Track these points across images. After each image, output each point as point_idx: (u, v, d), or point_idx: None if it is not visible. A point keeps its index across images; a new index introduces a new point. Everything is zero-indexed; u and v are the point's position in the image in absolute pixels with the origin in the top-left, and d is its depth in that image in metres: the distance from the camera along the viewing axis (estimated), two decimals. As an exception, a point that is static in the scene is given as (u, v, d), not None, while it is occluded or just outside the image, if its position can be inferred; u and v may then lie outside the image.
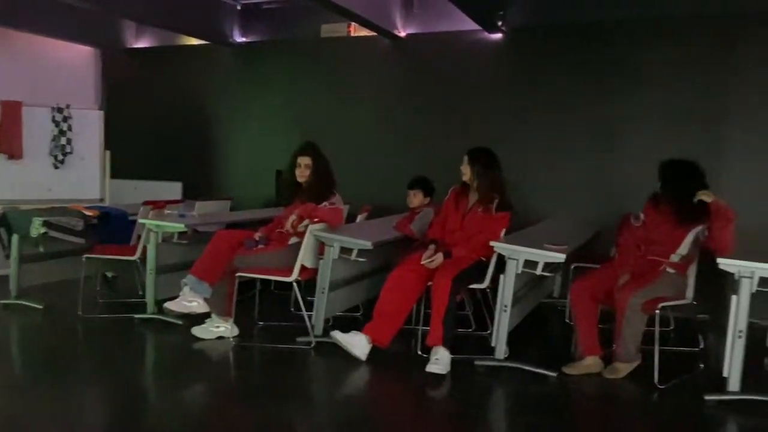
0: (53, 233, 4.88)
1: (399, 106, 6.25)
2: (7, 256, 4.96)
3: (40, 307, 4.85)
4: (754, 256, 3.35)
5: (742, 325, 3.30)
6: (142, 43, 7.33)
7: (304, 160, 4.42)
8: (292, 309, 4.88)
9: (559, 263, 3.81)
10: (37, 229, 4.78)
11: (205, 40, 6.80)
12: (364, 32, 6.26)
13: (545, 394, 3.58)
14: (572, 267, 4.74)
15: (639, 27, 5.45)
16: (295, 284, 4.24)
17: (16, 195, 5.75)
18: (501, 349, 3.79)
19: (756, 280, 3.27)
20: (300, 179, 4.44)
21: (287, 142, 6.46)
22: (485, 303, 4.56)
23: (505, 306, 3.76)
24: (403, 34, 6.19)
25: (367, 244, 4.03)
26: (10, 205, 5.28)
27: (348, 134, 6.33)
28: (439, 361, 3.67)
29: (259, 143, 6.83)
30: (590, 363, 3.79)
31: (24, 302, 4.90)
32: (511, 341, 3.82)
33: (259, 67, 6.83)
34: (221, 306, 4.24)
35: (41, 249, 4.88)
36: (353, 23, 6.23)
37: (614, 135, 5.55)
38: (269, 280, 4.75)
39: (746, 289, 3.28)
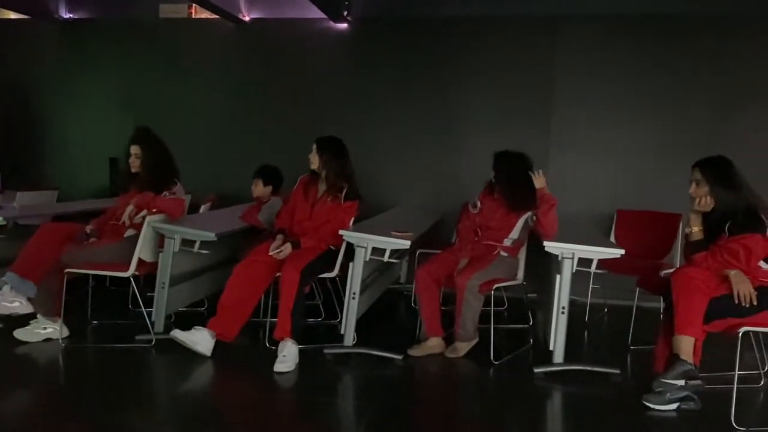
0: None
1: (245, 92, 6.09)
2: None
3: None
4: (575, 239, 3.69)
5: (565, 302, 3.62)
6: (-54, 13, 6.47)
7: (134, 149, 4.16)
8: (131, 306, 4.59)
9: (405, 250, 3.93)
10: None
11: (26, 14, 6.14)
12: (207, 14, 6.00)
13: (392, 376, 3.69)
14: (417, 253, 4.92)
15: (469, 24, 5.74)
16: (132, 279, 3.99)
17: None
18: (350, 336, 3.84)
19: (576, 261, 3.60)
20: (132, 169, 4.17)
21: (122, 128, 6.03)
22: (335, 292, 4.60)
23: (354, 293, 3.82)
24: (247, 18, 6.02)
25: (211, 235, 3.89)
26: None
27: (190, 120, 6.06)
28: (286, 358, 3.64)
29: (90, 129, 6.32)
30: (433, 344, 3.96)
31: None
32: (359, 328, 3.89)
33: (90, 47, 6.31)
34: (48, 305, 3.88)
35: None
36: (194, 5, 5.95)
37: (452, 127, 5.82)
38: (104, 276, 4.44)
39: (568, 269, 3.61)
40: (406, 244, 3.79)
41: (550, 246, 3.62)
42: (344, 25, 5.92)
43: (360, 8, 5.86)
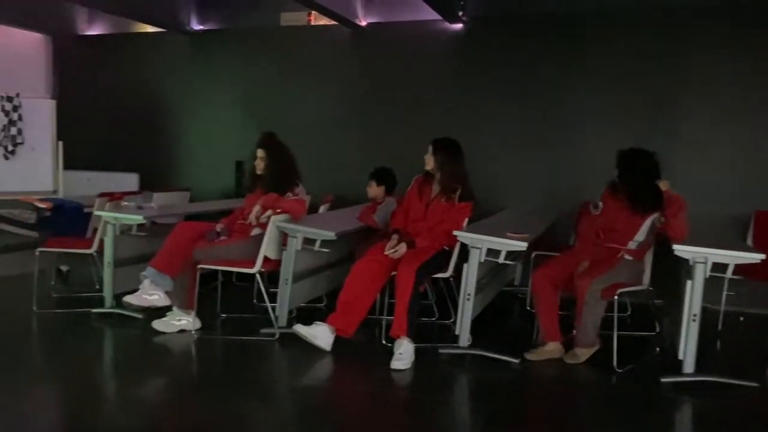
0: (4, 226, 4.75)
1: (360, 95, 6.23)
2: (-45, 251, 4.80)
3: (-8, 302, 4.70)
4: (708, 243, 3.46)
5: (697, 309, 3.40)
6: (95, 30, 7.10)
7: (260, 153, 4.39)
8: (255, 301, 4.83)
9: (520, 251, 3.86)
10: (-14, 222, 4.62)
11: (161, 27, 6.64)
12: (324, 21, 6.20)
13: (508, 379, 3.64)
14: (533, 255, 4.81)
15: (593, 18, 5.53)
16: (258, 275, 4.20)
17: (-37, 187, 5.53)
18: (464, 337, 3.83)
19: (709, 266, 3.38)
20: (258, 171, 4.40)
21: (246, 132, 6.42)
22: (448, 292, 4.60)
23: (469, 294, 3.80)
24: (363, 23, 6.16)
25: (330, 235, 4.02)
26: (-43, 197, 5.10)
27: (309, 124, 6.28)
28: (403, 356, 3.68)
29: (217, 133, 6.72)
30: (551, 349, 3.86)
31: (-26, 298, 4.74)
32: (473, 329, 3.87)
33: (217, 56, 6.71)
34: (183, 298, 4.17)
35: (-8, 243, 4.73)
36: (313, 12, 6.16)
37: (570, 125, 5.65)
38: (231, 272, 4.70)
39: (700, 274, 3.39)
40: (522, 245, 3.72)
41: (680, 250, 3.41)
42: (459, 26, 5.91)
43: (475, 7, 5.82)
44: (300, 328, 3.89)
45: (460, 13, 5.79)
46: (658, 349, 4.17)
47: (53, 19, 6.81)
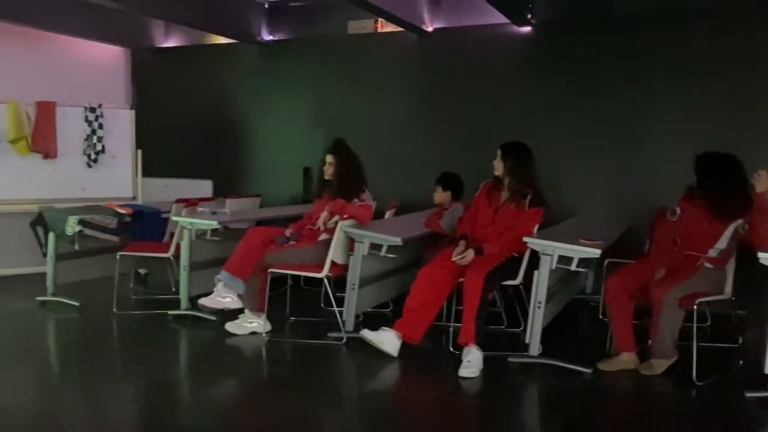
0: (88, 231, 4.97)
1: (427, 101, 6.22)
2: (44, 255, 5.07)
3: (76, 304, 4.95)
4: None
5: (785, 320, 3.22)
6: (171, 43, 7.40)
7: (329, 158, 4.47)
8: (323, 305, 4.90)
9: (593, 258, 3.76)
10: (72, 227, 4.87)
11: (234, 38, 6.84)
12: (391, 28, 6.24)
13: (580, 390, 3.54)
14: (606, 262, 4.67)
15: (666, 16, 5.33)
16: (325, 280, 4.26)
17: (51, 194, 5.85)
18: (535, 346, 3.75)
19: (798, 275, 3.19)
20: (326, 176, 4.48)
21: (313, 139, 6.53)
22: (517, 299, 4.53)
23: (539, 302, 3.72)
24: (430, 28, 6.16)
25: (397, 240, 4.03)
26: (46, 204, 5.39)
27: (375, 130, 6.31)
28: (471, 364, 3.65)
29: (285, 140, 6.85)
30: (626, 359, 3.73)
31: (60, 299, 5.01)
32: (544, 338, 3.78)
33: (286, 65, 6.85)
34: (254, 302, 4.28)
35: (76, 247, 4.98)
36: (380, 19, 6.21)
37: (640, 129, 5.45)
38: (300, 276, 4.79)
39: (788, 284, 3.21)
40: (596, 252, 3.62)
41: (765, 258, 3.24)
42: (527, 29, 5.82)
43: (544, 10, 5.73)
44: (367, 333, 3.91)
45: (529, 16, 5.70)
46: (741, 362, 3.96)
47: (133, 33, 7.13)
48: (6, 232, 5.83)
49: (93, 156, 6.12)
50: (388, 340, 3.86)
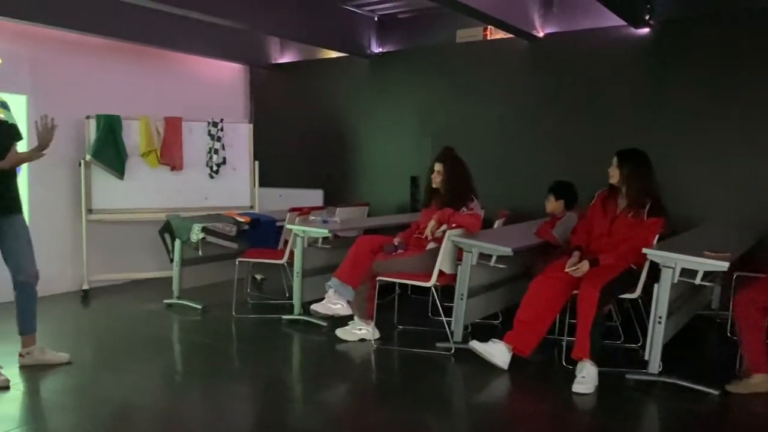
0: (210, 238, 5.26)
1: (538, 108, 6.08)
2: (171, 260, 5.43)
3: (199, 307, 5.26)
4: None
5: None
6: (285, 59, 7.72)
7: (437, 166, 4.48)
8: (430, 314, 4.90)
9: (719, 272, 3.51)
10: (196, 234, 5.18)
11: (344, 52, 7.03)
12: (501, 35, 6.17)
13: (705, 412, 3.31)
14: (734, 276, 4.34)
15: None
16: (433, 289, 4.26)
17: (177, 203, 6.25)
18: (655, 363, 3.55)
19: None
20: (434, 185, 4.49)
21: (421, 148, 6.56)
22: (636, 314, 4.31)
23: (660, 317, 3.52)
24: (541, 34, 6.02)
25: (507, 250, 3.96)
26: (173, 212, 5.78)
27: (484, 139, 6.25)
28: (586, 380, 3.50)
29: (393, 150, 6.94)
30: (758, 381, 3.44)
31: (185, 302, 5.34)
32: (665, 355, 3.57)
33: (394, 76, 6.95)
34: (363, 309, 4.36)
35: (200, 253, 5.29)
36: (489, 26, 6.16)
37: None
38: (407, 285, 4.81)
39: None
40: (723, 265, 3.37)
41: None
42: (645, 30, 5.55)
43: (663, 10, 5.44)
44: (476, 345, 3.87)
45: (647, 17, 5.44)
46: None
47: (251, 51, 7.51)
48: (138, 238, 6.32)
49: (215, 168, 6.49)
50: (497, 353, 3.80)
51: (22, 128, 3.90)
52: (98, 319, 5.25)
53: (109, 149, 5.95)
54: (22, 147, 4.02)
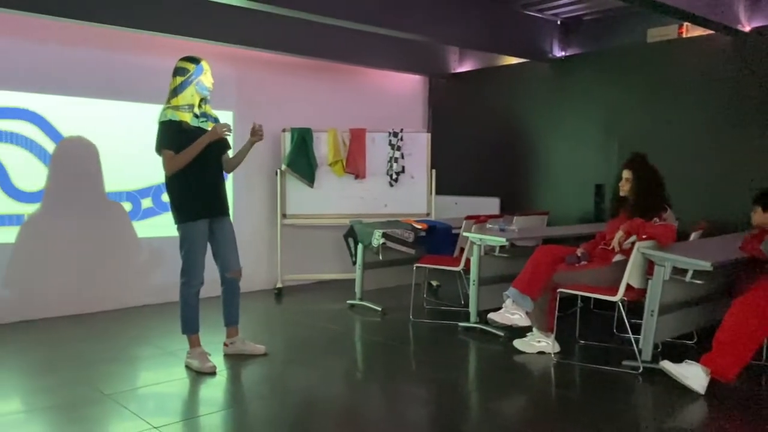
0: (389, 244, 5.46)
1: (741, 109, 5.50)
2: (354, 263, 5.72)
3: (379, 309, 5.47)
4: None
5: None
6: (464, 68, 7.78)
7: (625, 173, 4.25)
8: (615, 330, 4.63)
9: None
10: (377, 239, 5.40)
11: (525, 58, 6.92)
12: (699, 31, 5.68)
13: None
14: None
15: None
16: (619, 304, 4.03)
17: (359, 209, 6.59)
18: None
19: None
20: (621, 193, 4.26)
21: (606, 155, 6.25)
22: None
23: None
24: (747, 28, 5.45)
25: (706, 265, 3.62)
26: (356, 218, 6.08)
27: (678, 144, 5.79)
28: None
29: (575, 157, 6.67)
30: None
31: (366, 303, 5.59)
32: None
33: (577, 80, 6.70)
34: (542, 321, 4.24)
35: (380, 257, 5.50)
36: (686, 24, 5.70)
37: None
38: (589, 298, 4.60)
39: None
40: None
41: None
42: None
43: None
44: (668, 365, 3.59)
45: None
46: None
47: (431, 62, 7.68)
48: (325, 242, 6.76)
49: (394, 176, 6.72)
50: (693, 375, 3.49)
51: (230, 140, 4.34)
52: (289, 316, 5.67)
53: (302, 159, 6.44)
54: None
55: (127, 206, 5.79)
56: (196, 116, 3.98)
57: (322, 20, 5.30)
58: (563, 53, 6.83)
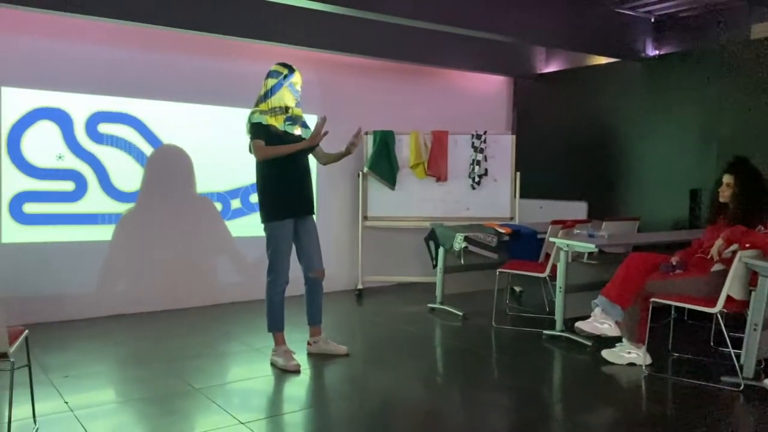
0: (471, 248, 5.38)
1: None
2: (434, 266, 5.68)
3: (460, 313, 5.41)
4: None
5: None
6: (551, 68, 7.58)
7: (726, 178, 4.00)
8: (712, 344, 4.37)
9: None
10: (459, 243, 5.34)
11: (615, 57, 6.66)
12: (810, 26, 5.29)
13: None
14: None
15: None
16: (718, 316, 3.79)
17: (440, 212, 6.54)
18: None
19: None
20: (721, 199, 4.01)
21: (703, 159, 5.93)
22: None
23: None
24: None
25: (819, 278, 3.35)
26: (437, 221, 6.04)
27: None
28: None
29: (669, 160, 6.36)
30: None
31: (447, 307, 5.54)
32: None
33: (672, 80, 6.38)
34: (633, 331, 4.06)
35: (461, 261, 5.44)
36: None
37: None
38: (683, 309, 4.36)
39: None
40: None
41: None
42: None
43: None
44: (774, 384, 3.34)
45: None
46: None
47: (516, 63, 7.53)
48: (405, 244, 6.75)
49: (476, 179, 6.62)
50: (801, 396, 3.23)
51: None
52: (369, 318, 5.71)
53: (384, 162, 6.46)
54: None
55: (218, 206, 6.00)
56: (289, 119, 4.07)
57: (408, 23, 5.31)
58: (657, 52, 6.53)
